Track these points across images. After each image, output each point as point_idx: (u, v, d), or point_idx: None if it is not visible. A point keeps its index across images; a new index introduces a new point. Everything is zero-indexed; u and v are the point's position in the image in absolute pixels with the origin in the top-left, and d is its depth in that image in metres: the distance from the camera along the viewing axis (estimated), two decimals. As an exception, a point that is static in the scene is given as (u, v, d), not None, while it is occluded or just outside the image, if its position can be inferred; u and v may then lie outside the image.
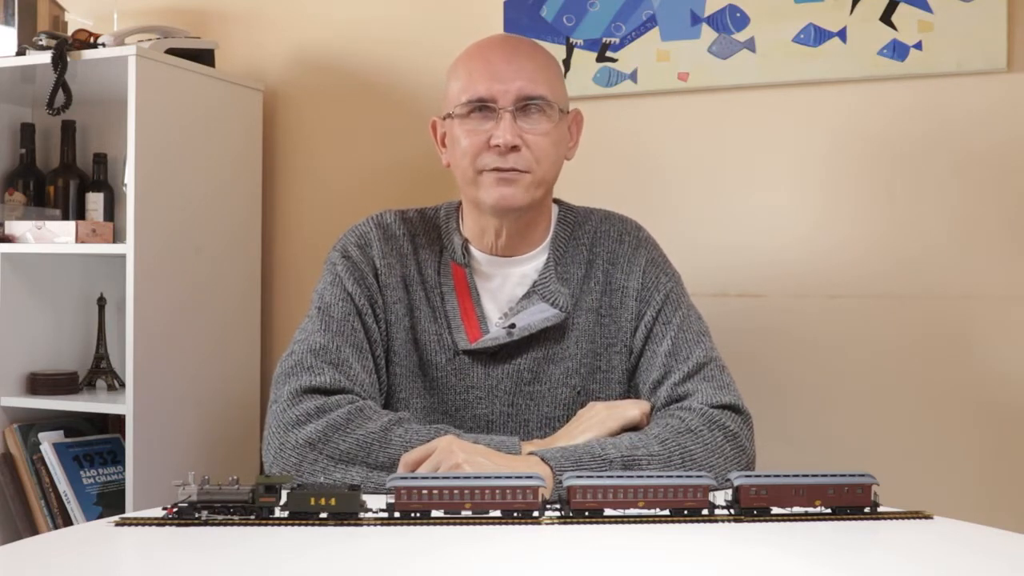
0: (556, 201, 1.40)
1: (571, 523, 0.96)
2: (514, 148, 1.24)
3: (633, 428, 1.22)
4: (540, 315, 1.28)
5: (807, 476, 0.99)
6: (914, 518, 1.00)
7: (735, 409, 1.24)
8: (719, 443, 1.19)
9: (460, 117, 1.27)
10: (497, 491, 0.96)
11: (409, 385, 1.31)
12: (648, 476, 0.98)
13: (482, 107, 1.25)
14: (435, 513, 0.96)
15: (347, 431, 1.15)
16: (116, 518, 0.96)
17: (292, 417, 1.17)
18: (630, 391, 1.33)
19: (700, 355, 1.27)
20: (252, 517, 0.95)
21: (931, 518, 1.00)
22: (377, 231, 1.35)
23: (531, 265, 1.34)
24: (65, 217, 2.04)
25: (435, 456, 1.09)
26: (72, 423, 1.99)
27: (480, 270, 1.34)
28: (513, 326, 1.28)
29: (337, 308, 1.28)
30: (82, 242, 1.87)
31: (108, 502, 1.92)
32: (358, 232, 1.36)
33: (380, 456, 1.13)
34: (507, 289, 1.33)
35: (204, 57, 1.98)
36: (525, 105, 1.25)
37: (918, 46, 1.67)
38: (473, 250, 1.34)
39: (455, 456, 1.08)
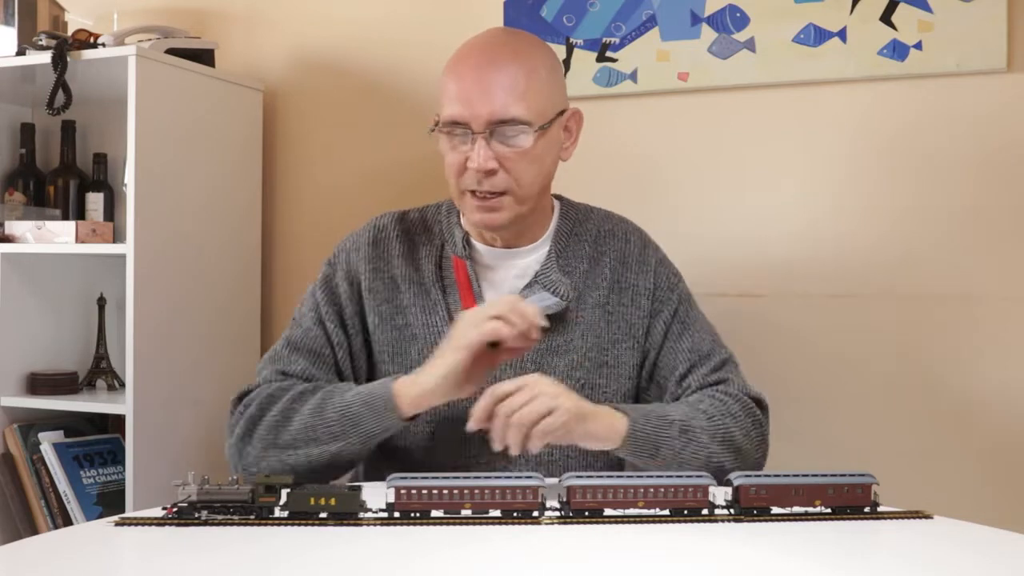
0: (557, 197, 1.41)
1: (571, 523, 0.96)
2: (490, 172, 1.24)
3: None
4: (541, 303, 1.29)
5: (807, 476, 0.99)
6: (914, 518, 1.00)
7: (761, 403, 1.31)
8: (750, 429, 1.27)
9: (442, 132, 1.27)
10: (497, 491, 0.96)
11: None
12: (648, 476, 0.98)
13: (458, 129, 1.25)
14: (435, 513, 0.96)
15: (273, 413, 1.25)
16: (116, 518, 0.96)
17: (228, 427, 1.31)
18: (640, 385, 1.36)
19: (723, 353, 1.35)
20: (252, 517, 0.95)
21: (931, 518, 1.00)
22: (369, 236, 1.38)
23: (532, 257, 1.35)
24: (65, 217, 2.04)
25: (526, 390, 1.13)
26: (72, 423, 1.99)
27: (482, 262, 1.35)
28: None
29: (307, 317, 1.35)
30: (82, 242, 1.87)
31: (108, 502, 1.92)
32: (351, 239, 1.40)
33: (325, 433, 1.20)
34: (509, 280, 1.34)
35: (204, 57, 1.98)
36: (498, 128, 1.23)
37: (918, 46, 1.67)
38: (475, 243, 1.36)
39: (548, 390, 1.13)
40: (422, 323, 1.32)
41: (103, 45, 1.84)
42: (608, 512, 0.97)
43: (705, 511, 0.98)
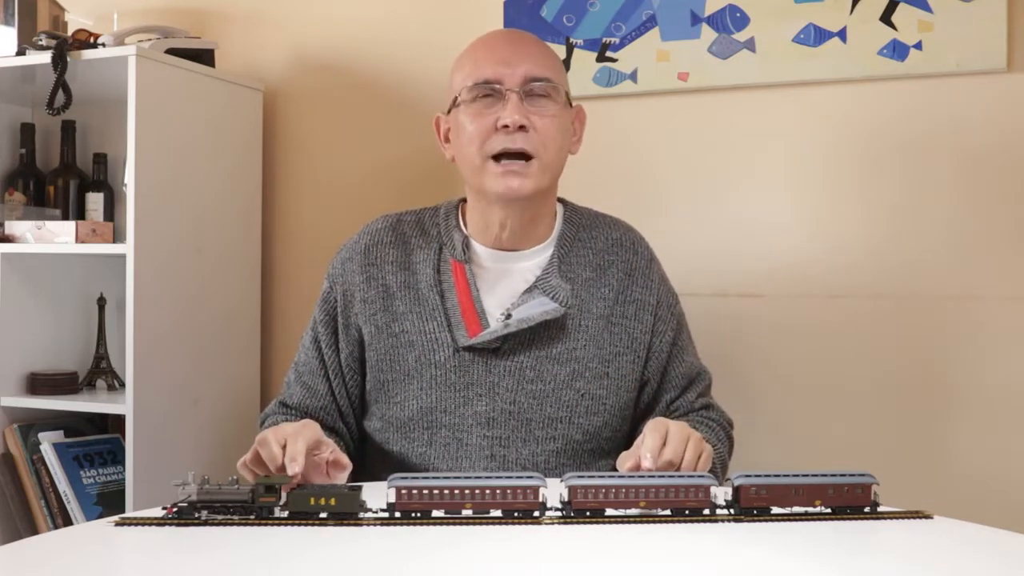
0: (561, 200, 1.41)
1: (572, 523, 0.96)
2: (521, 128, 1.25)
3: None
4: (539, 308, 1.28)
5: (807, 476, 0.99)
6: (914, 518, 1.00)
7: (732, 426, 1.41)
8: (729, 452, 1.37)
9: (466, 103, 1.28)
10: (498, 491, 0.96)
11: (404, 388, 1.31)
12: (649, 476, 0.98)
13: (488, 91, 1.27)
14: (435, 513, 0.96)
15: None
16: (116, 518, 0.96)
17: None
18: (639, 398, 1.37)
19: (706, 377, 1.40)
20: (252, 517, 0.95)
21: (931, 518, 1.00)
22: (361, 243, 1.38)
23: (534, 261, 1.34)
24: (65, 217, 2.04)
25: (683, 439, 1.13)
26: (72, 423, 1.99)
27: (482, 266, 1.34)
28: (509, 316, 1.29)
29: (307, 337, 1.39)
30: (82, 242, 1.87)
31: (108, 502, 1.92)
32: (346, 248, 1.40)
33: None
34: (509, 285, 1.33)
35: (204, 57, 1.98)
36: (531, 88, 1.27)
37: (918, 46, 1.67)
38: (475, 245, 1.35)
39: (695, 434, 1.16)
40: (418, 329, 1.31)
41: (103, 45, 1.84)
42: (609, 512, 0.97)
43: (706, 511, 0.98)
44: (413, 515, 0.95)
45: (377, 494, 0.98)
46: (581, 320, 1.31)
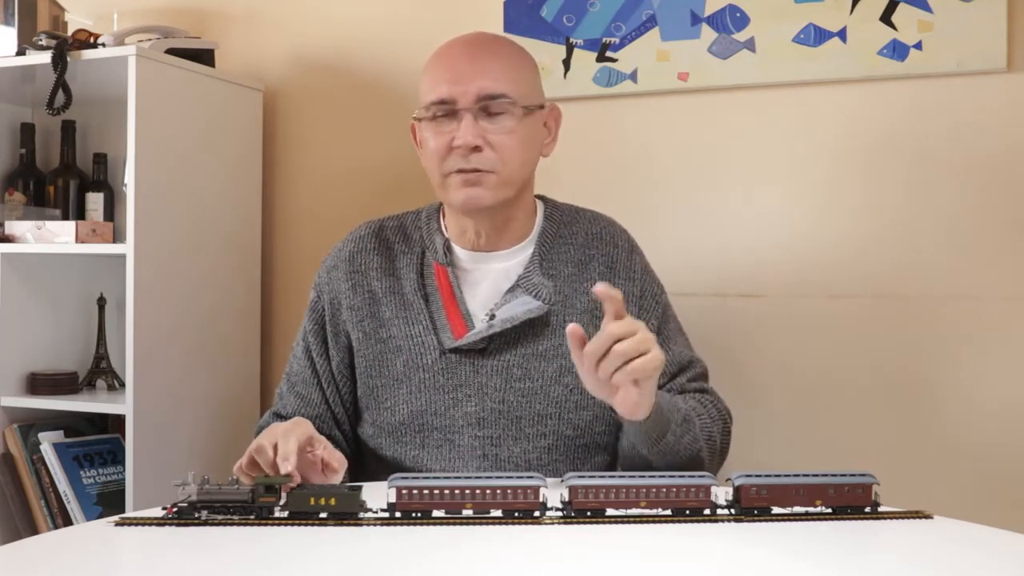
0: (541, 198, 1.41)
1: (572, 523, 0.96)
2: (476, 148, 1.25)
3: None
4: (523, 307, 1.28)
5: (807, 476, 0.99)
6: (914, 518, 1.00)
7: (731, 418, 1.36)
8: (724, 438, 1.32)
9: (426, 120, 1.29)
10: (498, 491, 0.96)
11: (393, 393, 1.31)
12: (650, 476, 0.99)
13: (444, 109, 1.26)
14: (436, 513, 0.96)
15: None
16: (116, 518, 0.96)
17: None
18: None
19: (700, 366, 1.37)
20: (252, 517, 0.95)
21: (931, 518, 1.00)
22: (346, 251, 1.38)
23: (515, 260, 1.34)
24: (65, 217, 2.04)
25: (644, 342, 1.10)
26: (72, 423, 1.99)
27: (464, 267, 1.35)
28: (493, 317, 1.29)
29: (299, 347, 1.39)
30: (82, 242, 1.87)
31: (108, 502, 1.92)
32: (331, 256, 1.41)
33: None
34: (492, 285, 1.33)
35: (204, 57, 1.98)
36: (486, 105, 1.26)
37: (918, 46, 1.67)
38: (456, 248, 1.35)
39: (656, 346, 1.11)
40: (405, 334, 1.32)
41: (103, 45, 1.84)
42: (610, 512, 0.98)
43: (707, 511, 0.98)
44: (413, 515, 0.95)
45: (377, 494, 0.98)
46: (566, 316, 1.31)
